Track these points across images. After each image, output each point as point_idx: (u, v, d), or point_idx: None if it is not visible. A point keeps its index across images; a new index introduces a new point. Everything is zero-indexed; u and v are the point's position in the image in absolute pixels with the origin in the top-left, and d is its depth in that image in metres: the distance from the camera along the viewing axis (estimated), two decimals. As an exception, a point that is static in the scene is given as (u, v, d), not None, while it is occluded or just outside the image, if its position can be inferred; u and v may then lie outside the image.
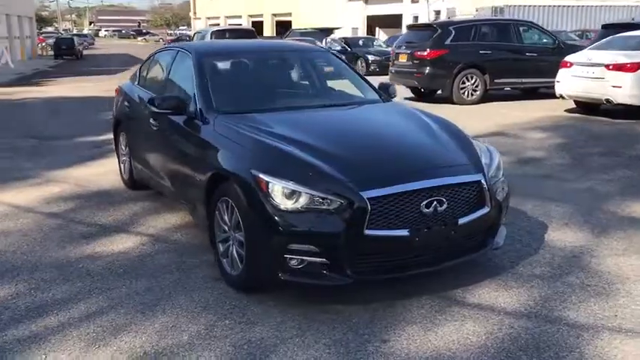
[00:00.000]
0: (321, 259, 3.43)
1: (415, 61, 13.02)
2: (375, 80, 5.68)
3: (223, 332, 3.38)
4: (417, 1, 34.99)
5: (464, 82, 12.93)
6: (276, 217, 3.43)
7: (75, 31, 79.88)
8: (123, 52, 50.69)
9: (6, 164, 7.77)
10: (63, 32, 62.38)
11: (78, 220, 5.39)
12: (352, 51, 23.16)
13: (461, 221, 3.64)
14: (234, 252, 3.81)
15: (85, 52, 46.89)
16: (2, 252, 4.63)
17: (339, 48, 23.14)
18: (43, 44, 48.68)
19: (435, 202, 3.53)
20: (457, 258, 3.82)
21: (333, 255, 3.42)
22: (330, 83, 5.34)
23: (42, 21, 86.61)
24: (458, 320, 3.50)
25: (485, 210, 3.78)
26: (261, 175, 3.51)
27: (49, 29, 77.42)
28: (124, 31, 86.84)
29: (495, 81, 13.12)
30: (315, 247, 3.40)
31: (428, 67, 12.86)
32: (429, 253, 3.67)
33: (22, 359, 3.13)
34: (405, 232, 3.46)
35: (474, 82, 12.97)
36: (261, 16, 50.07)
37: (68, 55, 40.53)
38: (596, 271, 4.16)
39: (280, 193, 3.44)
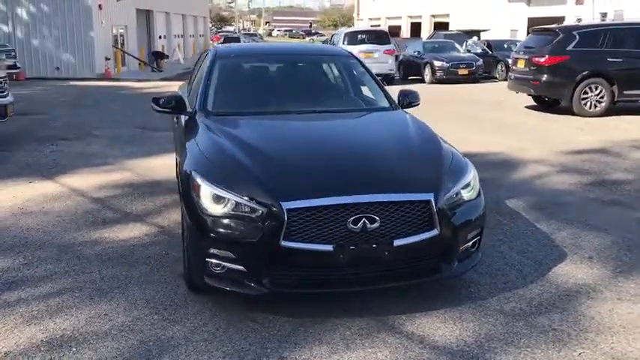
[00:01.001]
0: (239, 267, 3.40)
1: (532, 68, 12.10)
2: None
3: (143, 327, 3.48)
4: (582, 3, 32.36)
5: (586, 93, 11.75)
6: (201, 221, 3.47)
7: (252, 31, 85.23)
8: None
9: (96, 150, 8.61)
10: (235, 32, 66.80)
11: (111, 207, 5.83)
12: (492, 54, 22.06)
13: (397, 242, 3.39)
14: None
15: (250, 50, 49.76)
16: (28, 228, 5.17)
17: (479, 51, 22.21)
18: (216, 42, 52.64)
19: (363, 219, 3.33)
20: (398, 281, 3.58)
21: (250, 263, 3.38)
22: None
23: (222, 21, 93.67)
24: (375, 347, 3.27)
25: (433, 233, 3.48)
26: (197, 179, 3.56)
27: (229, 28, 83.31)
28: (294, 31, 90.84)
29: (625, 92, 11.75)
30: (232, 253, 3.38)
31: (545, 75, 11.87)
32: (359, 272, 3.47)
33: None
34: (328, 248, 3.31)
35: (599, 93, 11.73)
36: (420, 17, 49.56)
37: (237, 53, 43.38)
38: (579, 315, 3.64)
39: (209, 197, 3.46)
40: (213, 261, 3.44)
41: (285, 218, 3.28)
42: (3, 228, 5.18)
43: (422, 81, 20.90)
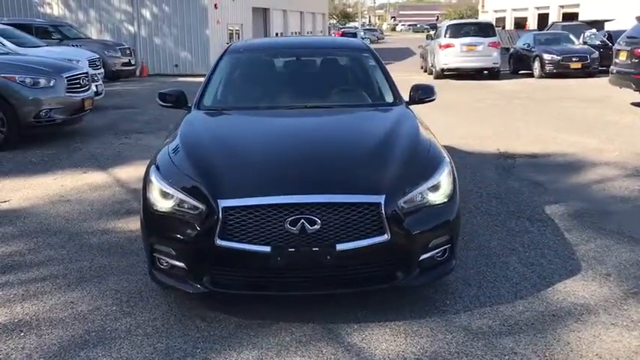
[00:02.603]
0: (180, 264, 3.36)
1: (634, 60, 10.93)
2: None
3: (97, 317, 3.55)
4: None
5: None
6: (149, 216, 3.47)
7: (374, 26, 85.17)
8: (405, 45, 52.31)
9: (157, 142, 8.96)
10: (356, 27, 66.97)
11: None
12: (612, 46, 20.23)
13: (341, 247, 3.17)
14: None
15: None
16: (56, 215, 5.49)
17: (597, 43, 20.48)
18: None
19: (302, 221, 3.15)
20: (344, 287, 3.36)
21: (189, 261, 3.32)
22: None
23: (346, 17, 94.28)
24: (305, 356, 3.08)
25: (382, 238, 3.22)
26: (151, 174, 3.57)
27: (353, 24, 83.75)
28: (418, 25, 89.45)
29: None
30: (173, 250, 3.35)
31: (649, 68, 10.70)
32: (300, 276, 3.30)
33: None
34: (265, 249, 3.17)
35: None
36: (547, 8, 46.80)
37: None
38: (554, 339, 3.21)
39: (157, 192, 3.46)
40: (159, 256, 3.43)
41: (220, 216, 3.19)
42: (35, 213, 5.54)
43: (531, 75, 19.71)
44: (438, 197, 3.46)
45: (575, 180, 6.52)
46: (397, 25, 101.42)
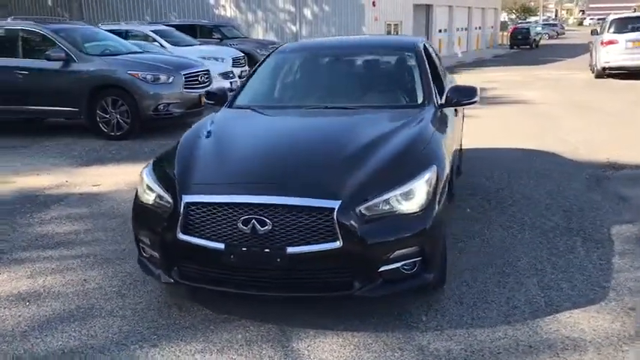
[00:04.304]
0: (155, 254, 3.54)
1: None
2: None
3: (94, 295, 3.87)
4: None
5: None
6: (136, 207, 3.72)
7: (554, 21, 79.76)
8: (586, 41, 48.34)
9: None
10: (530, 22, 63.12)
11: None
12: None
13: (292, 250, 3.14)
14: None
15: (545, 42, 46.84)
16: (128, 201, 5.97)
17: None
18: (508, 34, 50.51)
19: (253, 221, 3.17)
20: (296, 291, 3.31)
21: (160, 252, 3.49)
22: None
23: (527, 11, 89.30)
24: (243, 356, 3.10)
25: (334, 245, 3.12)
26: (145, 170, 3.80)
27: (533, 19, 79.20)
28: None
29: None
30: (149, 240, 3.55)
31: None
32: (253, 276, 3.30)
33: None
34: (220, 246, 3.25)
35: None
36: None
37: (523, 45, 41.36)
38: (512, 373, 2.88)
39: (144, 187, 3.68)
40: (142, 245, 3.66)
41: (181, 211, 3.31)
42: (112, 198, 6.13)
43: None
44: (409, 206, 3.25)
45: (675, 198, 5.65)
46: (584, 19, 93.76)
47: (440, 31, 34.75)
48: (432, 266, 3.37)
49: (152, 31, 15.59)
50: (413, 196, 3.27)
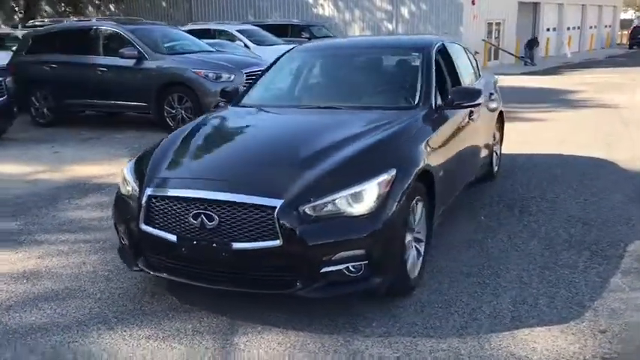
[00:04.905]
0: (126, 242, 3.74)
1: None
2: None
3: (85, 278, 4.14)
4: None
5: None
6: (116, 198, 3.94)
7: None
8: None
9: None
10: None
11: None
12: None
13: (236, 246, 3.22)
14: None
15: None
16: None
17: None
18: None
19: (201, 216, 3.27)
20: (241, 287, 3.37)
21: (128, 241, 3.69)
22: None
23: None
24: (181, 345, 3.21)
25: (274, 243, 3.15)
26: (126, 165, 4.02)
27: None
28: None
29: None
30: (121, 230, 3.76)
31: None
32: (203, 268, 3.40)
33: None
34: (172, 238, 3.39)
35: None
36: None
37: (644, 44, 38.58)
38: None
39: (123, 179, 3.90)
40: (120, 234, 3.87)
41: (143, 203, 3.48)
42: (148, 189, 6.47)
43: None
44: (358, 208, 3.22)
45: None
46: None
47: (548, 29, 33.07)
48: (381, 270, 3.30)
49: (238, 30, 16.16)
50: (362, 199, 3.23)
